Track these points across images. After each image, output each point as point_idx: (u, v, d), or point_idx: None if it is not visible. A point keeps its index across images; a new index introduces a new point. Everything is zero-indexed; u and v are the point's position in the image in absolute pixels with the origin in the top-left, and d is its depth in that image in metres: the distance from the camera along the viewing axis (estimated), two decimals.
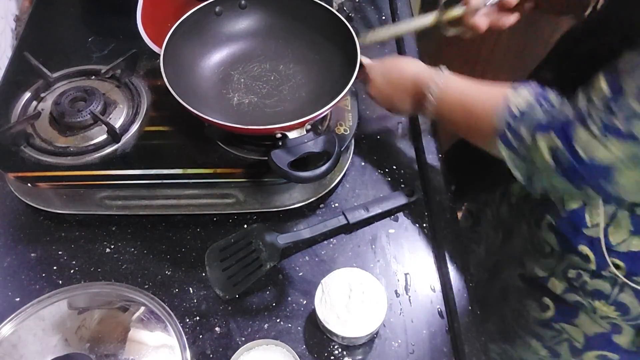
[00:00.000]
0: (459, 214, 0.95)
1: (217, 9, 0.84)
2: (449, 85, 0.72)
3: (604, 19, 0.72)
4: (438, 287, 0.75)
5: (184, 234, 0.80)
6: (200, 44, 0.84)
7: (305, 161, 0.70)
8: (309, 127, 0.72)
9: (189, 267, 0.77)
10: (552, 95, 0.63)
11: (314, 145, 0.69)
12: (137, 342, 0.65)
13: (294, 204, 0.81)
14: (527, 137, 0.61)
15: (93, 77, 0.87)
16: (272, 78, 0.83)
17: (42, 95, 0.84)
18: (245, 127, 0.70)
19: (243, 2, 0.85)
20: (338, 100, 0.71)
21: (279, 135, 0.70)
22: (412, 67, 0.78)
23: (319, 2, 0.82)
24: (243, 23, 0.87)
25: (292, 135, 0.70)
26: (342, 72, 0.76)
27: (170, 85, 0.73)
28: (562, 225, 0.76)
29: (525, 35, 1.62)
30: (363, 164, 0.88)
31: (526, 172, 0.64)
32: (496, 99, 0.65)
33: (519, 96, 0.64)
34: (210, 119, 0.70)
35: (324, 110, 0.71)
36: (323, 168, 0.68)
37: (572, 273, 0.78)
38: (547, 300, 0.85)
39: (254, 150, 0.77)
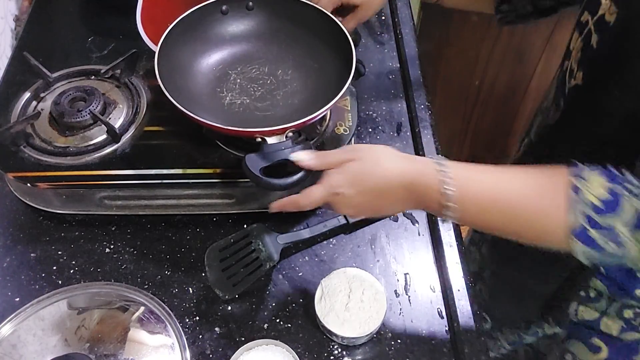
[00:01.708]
0: None
1: (223, 8, 0.84)
2: (469, 185, 0.60)
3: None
4: (438, 287, 0.75)
5: (184, 234, 0.80)
6: (202, 41, 0.83)
7: (284, 169, 0.68)
8: (290, 134, 0.70)
9: (189, 267, 0.76)
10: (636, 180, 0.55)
11: (290, 153, 0.67)
12: (137, 342, 0.65)
13: None
14: (623, 232, 0.53)
15: (93, 77, 0.87)
16: (269, 82, 0.82)
17: (42, 95, 0.84)
18: (225, 127, 0.70)
19: (250, 3, 0.85)
20: (318, 114, 0.70)
21: (259, 139, 0.69)
22: (391, 167, 0.62)
23: (325, 11, 0.82)
24: (248, 24, 0.86)
25: (270, 140, 0.69)
26: (338, 84, 0.75)
27: (161, 79, 0.73)
28: (612, 271, 0.73)
29: (525, 35, 1.63)
30: None
31: (603, 262, 0.57)
32: (555, 193, 0.56)
33: (592, 184, 0.55)
34: (190, 113, 0.70)
35: (304, 121, 0.70)
36: (295, 177, 0.66)
37: (628, 313, 0.76)
38: (597, 341, 0.81)
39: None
